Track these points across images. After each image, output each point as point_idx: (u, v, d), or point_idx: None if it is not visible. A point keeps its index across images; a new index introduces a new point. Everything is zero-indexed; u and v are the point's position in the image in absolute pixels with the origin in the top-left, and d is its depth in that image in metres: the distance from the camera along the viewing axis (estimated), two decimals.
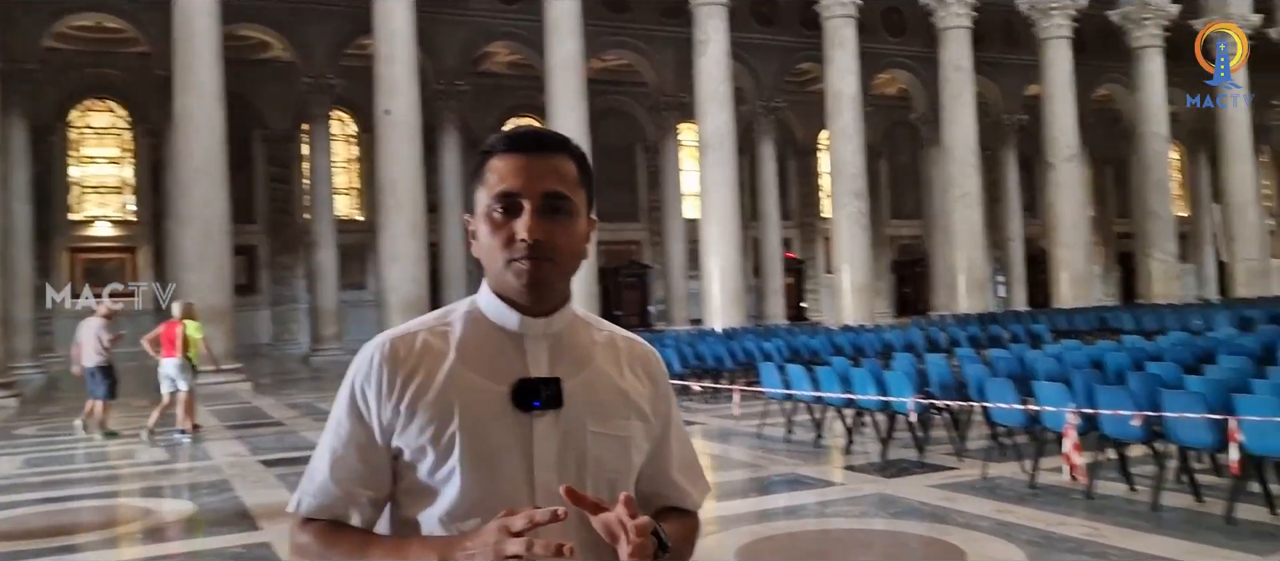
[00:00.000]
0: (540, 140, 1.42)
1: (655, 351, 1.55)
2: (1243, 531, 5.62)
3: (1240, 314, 17.13)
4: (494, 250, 1.39)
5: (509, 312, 1.40)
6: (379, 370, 1.39)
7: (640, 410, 1.46)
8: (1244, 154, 25.67)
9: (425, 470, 1.37)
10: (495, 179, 1.39)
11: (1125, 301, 32.91)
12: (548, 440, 1.37)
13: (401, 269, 18.42)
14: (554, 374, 1.39)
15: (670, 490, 1.54)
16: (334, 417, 1.43)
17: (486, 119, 29.53)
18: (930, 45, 25.90)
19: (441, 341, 1.41)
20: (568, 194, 1.40)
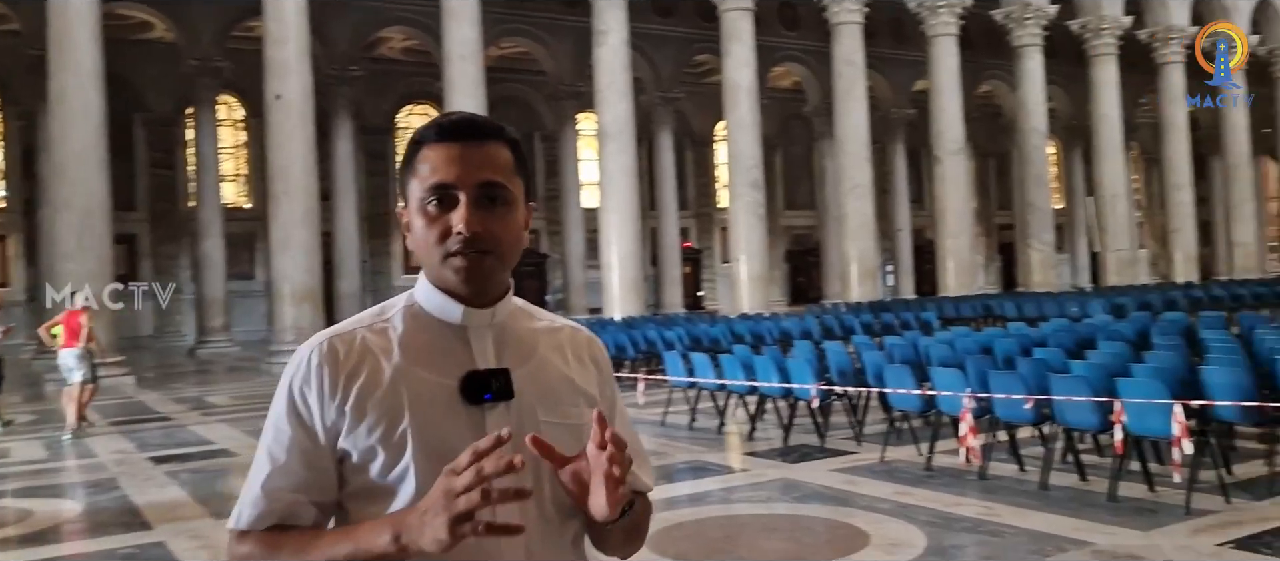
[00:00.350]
0: (474, 127, 1.37)
1: (596, 337, 1.53)
2: (1125, 508, 5.93)
3: (1113, 301, 18.01)
4: (430, 244, 1.35)
5: (451, 305, 1.37)
6: (319, 371, 1.34)
7: (589, 396, 1.44)
8: (1116, 149, 26.94)
9: (377, 471, 1.32)
10: (428, 169, 1.34)
11: (1005, 289, 34.23)
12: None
13: (293, 258, 17.93)
14: (501, 365, 1.36)
15: None
16: (271, 424, 1.37)
17: (381, 105, 29.03)
18: (823, 40, 26.43)
19: (382, 338, 1.37)
20: (505, 183, 1.35)
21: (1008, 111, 35.03)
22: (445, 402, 1.33)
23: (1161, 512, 5.77)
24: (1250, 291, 21.23)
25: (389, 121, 29.93)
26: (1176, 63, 27.62)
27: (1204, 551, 5.03)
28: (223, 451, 9.85)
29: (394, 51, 28.60)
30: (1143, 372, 6.40)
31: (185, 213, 26.66)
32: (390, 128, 30.04)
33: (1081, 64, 29.93)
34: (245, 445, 10.09)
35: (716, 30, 22.88)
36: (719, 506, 6.73)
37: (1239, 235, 29.99)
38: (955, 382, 6.96)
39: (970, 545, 5.41)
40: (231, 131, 28.44)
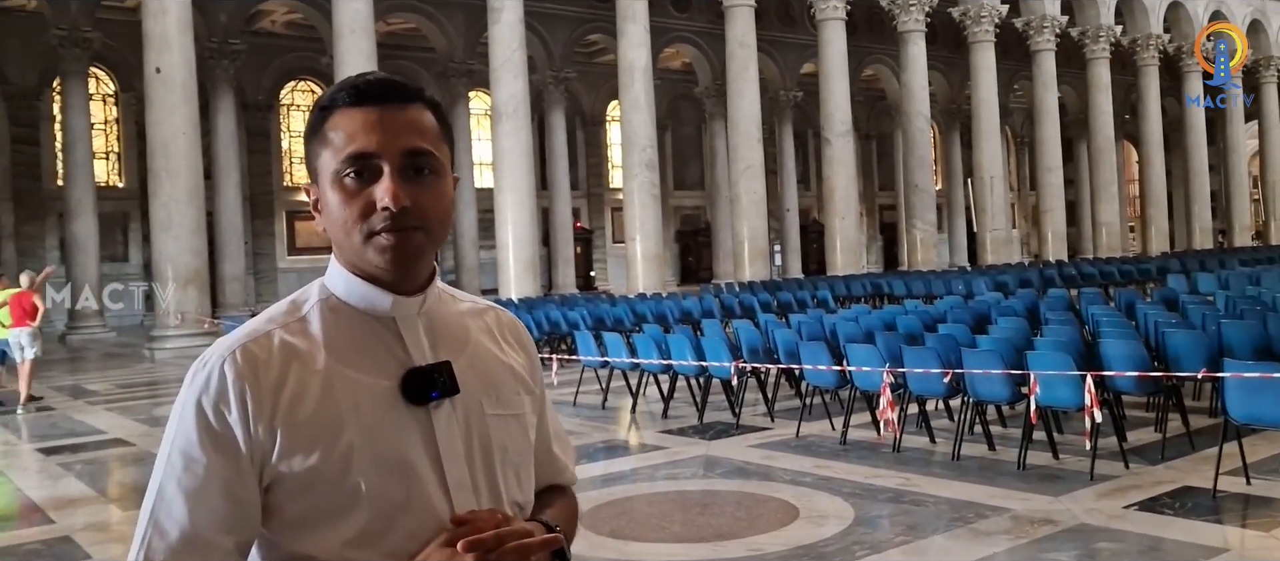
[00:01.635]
0: (394, 89, 1.21)
1: (517, 318, 1.41)
2: (1033, 475, 6.22)
3: (995, 279, 18.77)
4: (349, 223, 1.18)
5: (378, 294, 1.21)
6: (237, 384, 1.14)
7: (525, 382, 1.32)
8: (994, 133, 28.01)
9: (321, 494, 1.14)
10: (342, 138, 1.18)
11: (887, 268, 35.35)
12: (451, 432, 1.20)
13: (177, 239, 17.21)
14: (438, 357, 1.22)
15: (550, 465, 1.40)
16: (176, 453, 1.14)
17: (263, 81, 28.07)
18: (714, 22, 26.69)
19: (302, 339, 1.19)
20: (431, 150, 1.20)
21: (890, 95, 36.09)
22: (387, 406, 1.17)
23: (1068, 479, 6.08)
24: (1118, 269, 22.43)
25: (272, 98, 28.95)
26: (1048, 50, 28.83)
27: (1112, 513, 5.33)
28: (117, 440, 9.43)
29: (276, 25, 27.64)
30: (1048, 346, 6.71)
31: (52, 191, 25.26)
32: (273, 104, 29.06)
33: (958, 50, 31.02)
34: (138, 433, 9.70)
35: (609, 10, 22.84)
36: (645, 484, 6.78)
37: (1104, 215, 31.58)
38: (872, 359, 7.18)
39: (895, 515, 5.60)
40: (102, 106, 27.02)
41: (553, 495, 1.40)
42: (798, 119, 35.10)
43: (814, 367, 7.73)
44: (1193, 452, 6.58)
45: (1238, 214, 37.13)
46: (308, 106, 30.07)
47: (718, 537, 5.32)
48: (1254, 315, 8.53)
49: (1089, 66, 30.73)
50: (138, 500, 6.93)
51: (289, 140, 29.86)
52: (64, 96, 23.70)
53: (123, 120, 27.06)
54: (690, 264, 36.46)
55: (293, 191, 29.61)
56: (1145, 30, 32.07)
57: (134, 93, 24.36)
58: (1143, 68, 32.49)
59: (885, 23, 28.29)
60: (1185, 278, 16.46)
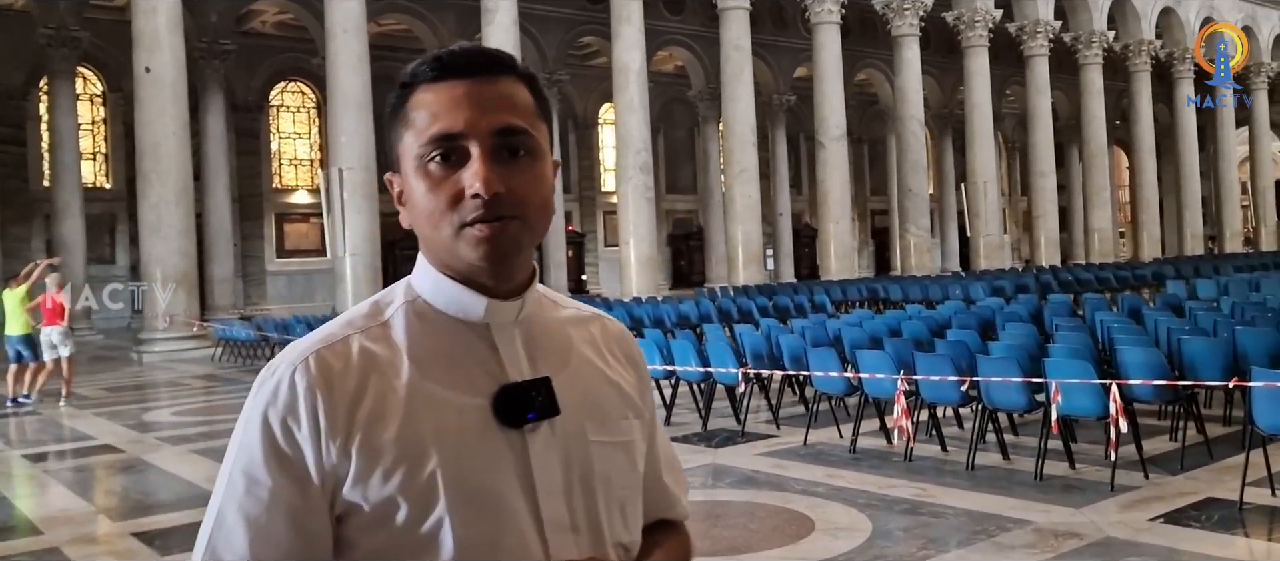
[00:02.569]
0: (482, 60, 1.07)
1: (626, 329, 1.25)
2: (1052, 486, 6.08)
3: (991, 284, 18.68)
4: (436, 214, 1.04)
5: (471, 298, 1.06)
6: (309, 397, 1.00)
7: (635, 405, 1.16)
8: (987, 137, 27.96)
9: (400, 527, 1.00)
10: (425, 117, 1.04)
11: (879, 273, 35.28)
12: (549, 461, 1.05)
13: (166, 241, 17.00)
14: (537, 371, 1.07)
15: (661, 498, 1.24)
16: (239, 473, 1.01)
17: (253, 82, 27.84)
18: (708, 25, 26.61)
19: (384, 347, 1.04)
20: (526, 127, 1.06)
21: (883, 99, 36.06)
22: (478, 429, 1.03)
23: (1088, 490, 5.93)
24: (1113, 274, 22.38)
25: (262, 99, 28.70)
26: (1042, 55, 28.82)
27: (1137, 526, 5.19)
28: (106, 447, 9.21)
29: (267, 26, 27.40)
30: (1065, 354, 6.58)
31: (38, 192, 24.96)
32: (263, 105, 28.82)
33: (951, 54, 31.00)
34: (127, 439, 9.49)
35: (603, 12, 22.72)
36: None
37: (1096, 221, 31.57)
38: (883, 365, 7.02)
39: (914, 527, 5.44)
40: (89, 107, 26.73)
41: (662, 533, 1.23)
42: (790, 123, 35.02)
43: (823, 374, 7.57)
44: (1212, 462, 6.45)
45: (1228, 220, 37.22)
46: (297, 107, 29.92)
47: (732, 550, 5.16)
48: (1265, 322, 8.43)
49: (1082, 72, 30.72)
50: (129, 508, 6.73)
51: (278, 141, 29.62)
52: (51, 96, 23.47)
53: (111, 121, 26.78)
54: (682, 268, 36.32)
55: (282, 193, 29.38)
56: (1137, 36, 32.09)
57: (122, 93, 24.12)
58: (1135, 73, 32.51)
59: (878, 27, 28.24)
60: (1183, 283, 16.40)
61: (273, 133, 29.45)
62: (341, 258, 18.05)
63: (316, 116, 29.43)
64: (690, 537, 1.29)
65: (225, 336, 17.78)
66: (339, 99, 18.38)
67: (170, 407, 11.83)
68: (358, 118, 18.26)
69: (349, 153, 18.06)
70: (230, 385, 13.96)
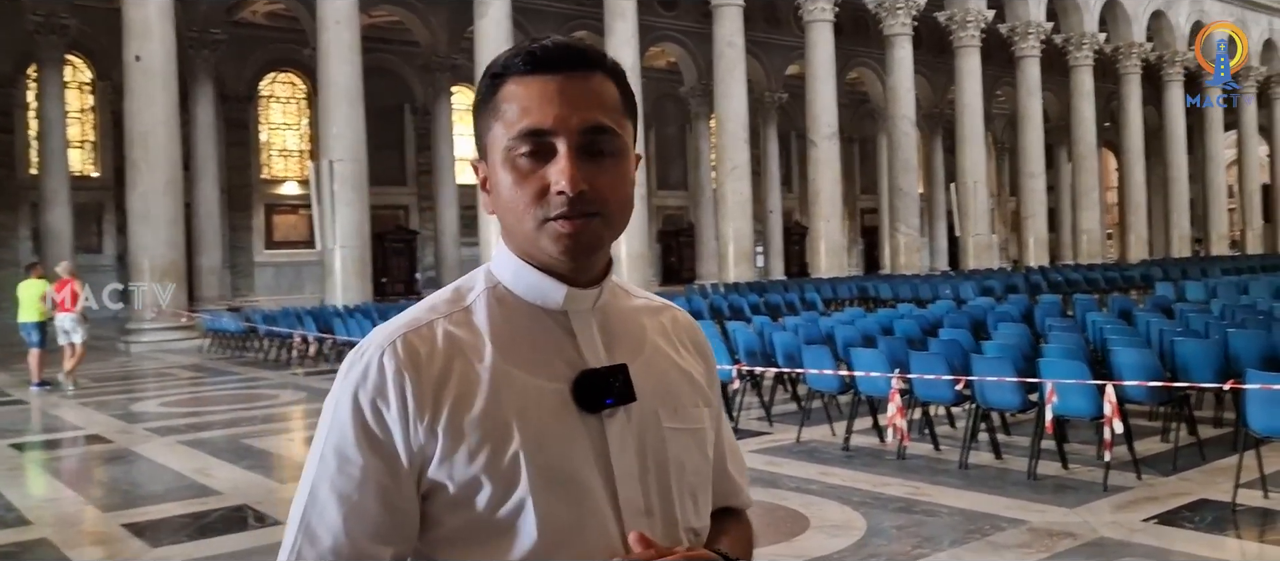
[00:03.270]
0: (574, 55, 1.09)
1: (695, 320, 1.28)
2: (1045, 486, 6.09)
3: (981, 284, 18.74)
4: (521, 206, 1.06)
5: (552, 285, 1.10)
6: (397, 378, 1.04)
7: (704, 394, 1.20)
8: (978, 138, 28.04)
9: (483, 506, 1.04)
10: (516, 111, 1.06)
11: (868, 271, 35.36)
12: (625, 446, 1.08)
13: (154, 231, 16.91)
14: (613, 358, 1.10)
15: (726, 486, 1.27)
16: (331, 451, 1.05)
17: (243, 72, 27.69)
18: (701, 21, 26.57)
19: (467, 331, 1.08)
20: (613, 126, 1.08)
21: (874, 98, 36.12)
22: (557, 412, 1.06)
23: (1081, 490, 5.94)
24: (1102, 275, 22.48)
25: (251, 89, 28.54)
26: (1033, 56, 28.89)
27: (1131, 527, 5.20)
28: (94, 436, 9.15)
29: (258, 16, 27.24)
30: (1059, 354, 6.59)
31: (25, 181, 24.79)
32: (253, 96, 28.65)
33: (942, 54, 31.06)
34: (115, 429, 9.43)
35: (596, 7, 22.65)
36: None
37: (1085, 222, 31.69)
38: (877, 363, 7.03)
39: (909, 525, 5.44)
40: (78, 95, 26.54)
41: (727, 520, 1.26)
42: (782, 120, 35.05)
43: (818, 372, 7.57)
44: (1204, 464, 6.47)
45: (1215, 222, 37.43)
46: (288, 98, 29.78)
47: None
48: (1256, 324, 8.47)
49: (1072, 73, 30.81)
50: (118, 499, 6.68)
51: (268, 132, 29.47)
52: (40, 84, 23.32)
53: (99, 109, 26.59)
54: (672, 264, 36.29)
55: (271, 184, 29.24)
56: (1128, 38, 32.21)
57: (111, 82, 23.97)
58: (1125, 76, 32.65)
59: (870, 26, 28.28)
60: (1172, 285, 16.48)
61: (262, 123, 29.29)
62: (331, 249, 17.99)
63: (307, 108, 29.29)
64: (752, 525, 1.32)
65: (213, 327, 17.69)
66: (330, 90, 18.30)
67: (158, 398, 11.76)
68: (349, 110, 18.19)
69: (339, 145, 17.99)
70: (218, 376, 13.89)
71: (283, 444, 8.99)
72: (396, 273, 30.60)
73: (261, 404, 11.14)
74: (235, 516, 6.00)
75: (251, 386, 12.75)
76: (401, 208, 31.18)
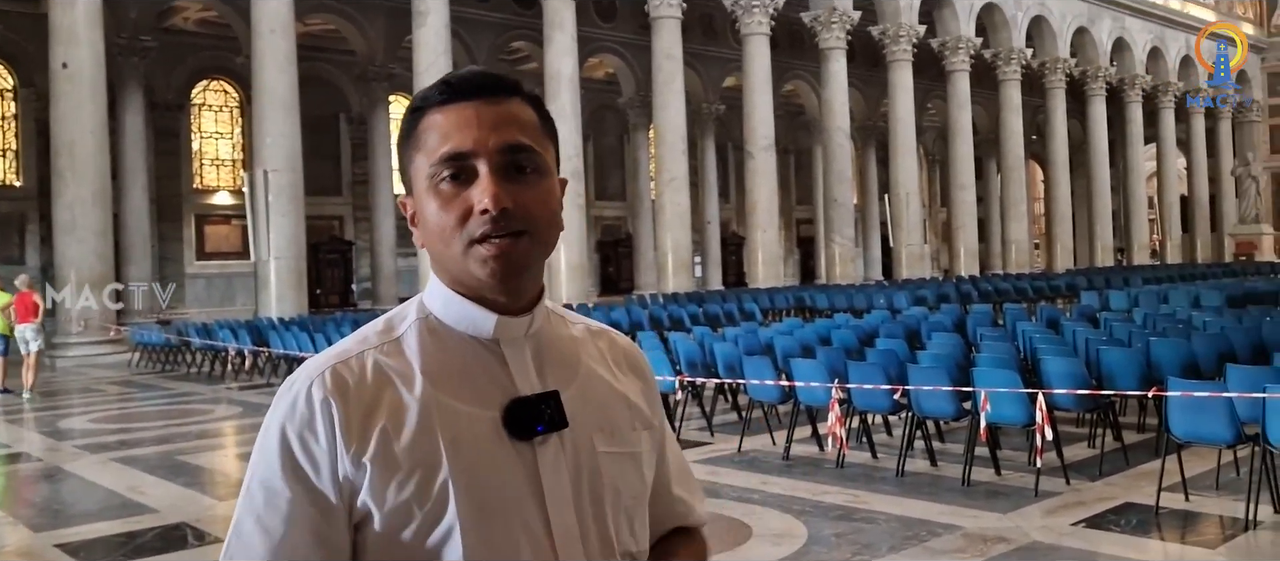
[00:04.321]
0: (488, 83, 1.11)
1: (634, 343, 1.29)
2: (979, 492, 6.26)
3: (914, 293, 19.11)
4: (447, 231, 1.07)
5: (480, 314, 1.09)
6: (325, 409, 1.03)
7: (643, 416, 1.19)
8: (910, 150, 28.60)
9: (411, 538, 1.03)
10: (436, 139, 1.08)
11: (804, 282, 35.78)
12: (557, 472, 1.08)
13: (81, 242, 16.51)
14: (546, 385, 1.10)
15: (677, 507, 1.28)
16: (258, 485, 1.04)
17: (173, 80, 27.11)
18: (640, 32, 26.72)
19: (397, 361, 1.08)
20: (533, 145, 1.09)
21: (810, 110, 36.59)
22: (488, 440, 1.06)
23: (1013, 495, 6.13)
24: (1030, 285, 23.06)
25: (182, 97, 27.95)
26: (963, 71, 29.57)
27: (1061, 531, 5.38)
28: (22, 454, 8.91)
29: (189, 22, 26.72)
30: (991, 363, 6.78)
31: None
32: (184, 104, 28.06)
33: (875, 68, 31.64)
34: (43, 447, 9.20)
35: (534, 17, 22.68)
36: None
37: (1014, 233, 32.45)
38: (817, 374, 7.16)
39: (848, 533, 5.56)
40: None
41: (678, 540, 1.27)
42: (719, 132, 35.34)
43: (759, 382, 7.68)
44: (1129, 468, 6.71)
45: (1136, 233, 38.63)
46: (220, 106, 29.25)
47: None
48: (1177, 333, 8.79)
49: (1001, 87, 31.57)
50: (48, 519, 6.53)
51: (200, 141, 28.91)
52: None
53: (21, 117, 25.80)
54: (610, 274, 36.35)
55: (203, 194, 28.67)
56: (1053, 54, 33.13)
57: (34, 88, 23.34)
58: (1050, 90, 33.56)
59: (806, 39, 28.68)
60: (1097, 294, 16.98)
61: (194, 132, 28.72)
62: (265, 261, 17.72)
63: (240, 116, 28.78)
64: (706, 543, 1.33)
65: (142, 341, 17.30)
66: (264, 99, 18.05)
67: (87, 414, 11.48)
68: (284, 119, 17.96)
69: (274, 154, 17.75)
70: (148, 392, 13.60)
71: (218, 460, 8.85)
72: (331, 284, 30.19)
73: (195, 419, 10.95)
74: (173, 534, 5.91)
75: (184, 401, 12.51)
76: (337, 218, 30.79)
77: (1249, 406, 5.50)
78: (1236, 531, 5.33)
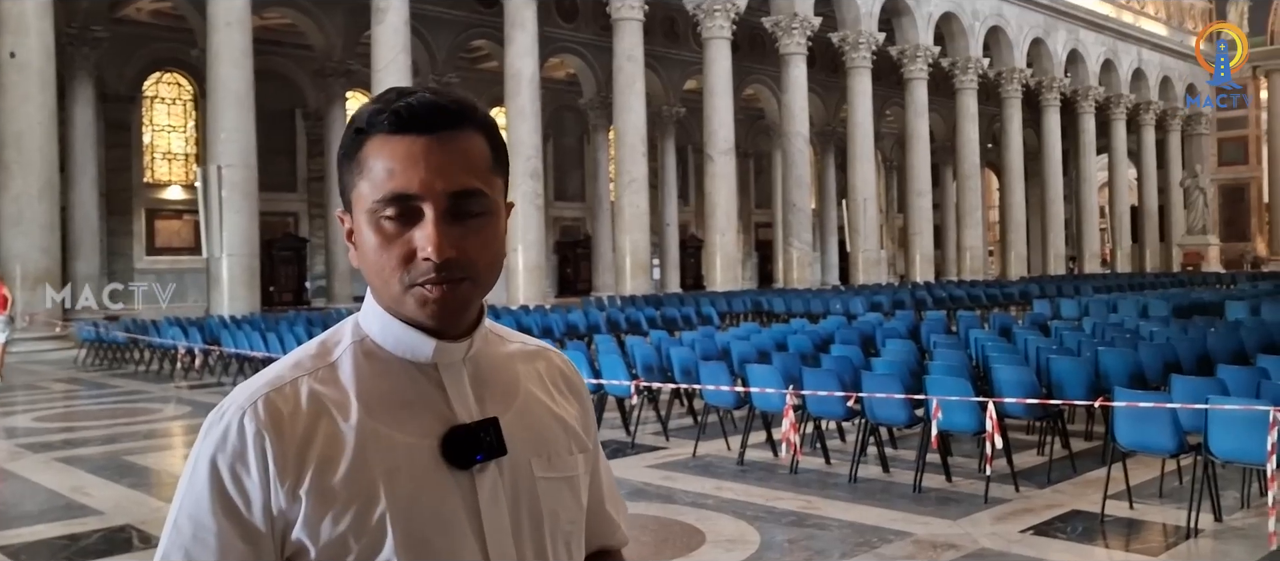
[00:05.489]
0: (441, 114, 1.04)
1: (570, 360, 1.26)
2: (929, 498, 6.33)
3: (870, 299, 19.28)
4: (386, 270, 1.04)
5: (418, 340, 1.06)
6: (258, 441, 1.00)
7: (579, 439, 1.17)
8: (868, 156, 28.85)
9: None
10: (381, 172, 1.03)
11: (762, 285, 35.97)
12: (496, 500, 1.06)
13: (27, 236, 16.19)
14: (485, 410, 1.08)
15: (604, 527, 1.27)
16: (185, 518, 1.01)
17: (125, 72, 26.67)
18: (601, 33, 26.73)
19: (332, 388, 1.05)
20: (483, 188, 1.05)
21: (769, 115, 36.82)
22: (426, 470, 1.03)
23: (963, 502, 6.20)
24: (984, 292, 23.36)
25: (134, 89, 27.50)
26: (921, 79, 29.90)
27: (1010, 538, 5.45)
28: None
29: (142, 14, 26.29)
30: (943, 371, 6.86)
31: None
32: (135, 96, 27.61)
33: (835, 74, 31.90)
34: None
35: (495, 16, 22.62)
36: None
37: (969, 240, 32.88)
38: (772, 380, 7.19)
39: (800, 539, 5.59)
40: None
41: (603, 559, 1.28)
42: (679, 134, 35.43)
43: (714, 388, 7.70)
44: (1076, 476, 6.81)
45: (1088, 241, 39.30)
46: (173, 99, 28.81)
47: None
48: (1124, 342, 8.95)
49: (958, 96, 31.98)
50: None
51: (152, 135, 28.44)
52: None
53: None
54: (568, 276, 36.31)
55: (154, 188, 28.22)
56: (1010, 64, 33.60)
57: None
58: (1006, 99, 34.03)
59: (766, 44, 28.84)
60: (1048, 302, 17.23)
61: (146, 125, 28.25)
62: (218, 258, 17.47)
63: (194, 110, 28.38)
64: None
65: (90, 338, 16.97)
66: (220, 93, 17.81)
67: (30, 412, 11.25)
68: (239, 114, 17.73)
69: (229, 149, 17.51)
70: (95, 389, 13.35)
71: (166, 460, 8.70)
72: (285, 281, 29.87)
73: (143, 418, 10.76)
74: (118, 537, 5.80)
75: (132, 400, 12.29)
76: (292, 214, 30.46)
77: (1192, 417, 5.61)
78: (1178, 539, 5.44)
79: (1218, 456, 5.45)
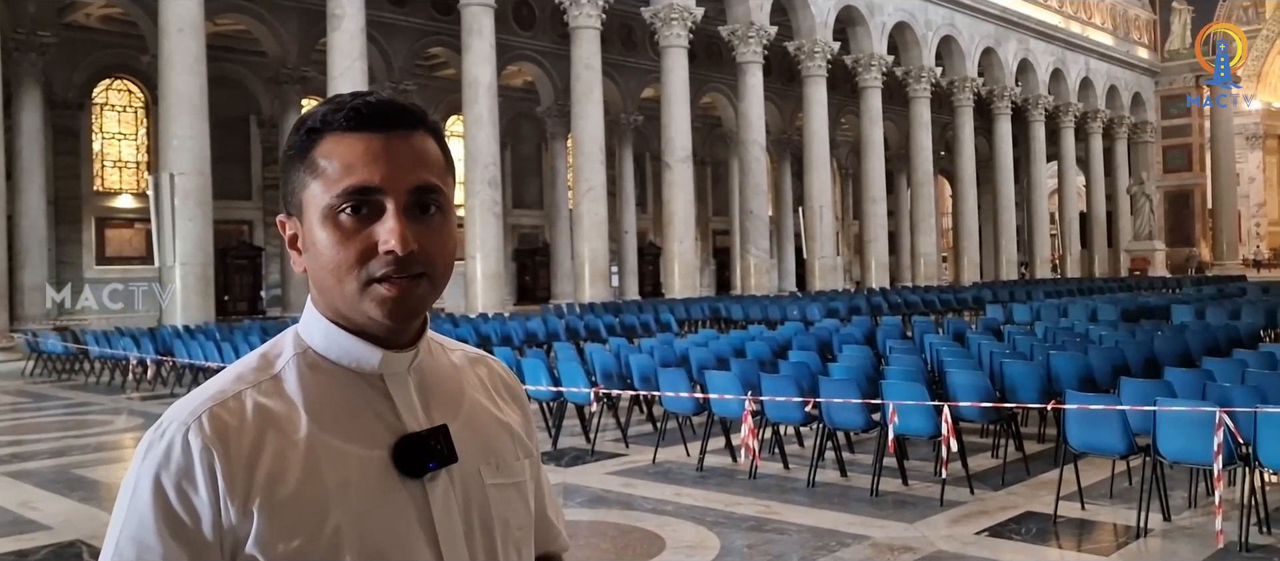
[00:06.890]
0: (398, 114, 1.06)
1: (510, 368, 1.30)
2: (886, 502, 6.41)
3: (827, 305, 19.44)
4: (342, 268, 1.02)
5: (366, 349, 1.06)
6: (205, 457, 0.97)
7: (524, 444, 1.18)
8: (824, 163, 29.07)
9: None
10: (338, 168, 1.02)
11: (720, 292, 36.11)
12: (448, 509, 1.05)
13: None
14: (432, 420, 1.07)
15: (547, 533, 1.27)
16: (127, 540, 0.98)
17: (74, 78, 26.18)
18: (559, 41, 26.70)
19: (278, 401, 1.03)
20: (439, 184, 1.06)
21: (726, 123, 37.02)
22: (378, 481, 1.02)
23: (919, 505, 6.28)
24: (938, 297, 23.65)
25: (83, 96, 26.98)
26: (876, 87, 30.22)
27: (965, 540, 5.53)
28: None
29: (92, 19, 25.82)
30: (900, 376, 6.94)
31: None
32: (85, 103, 27.09)
33: (791, 82, 32.16)
34: None
35: (452, 23, 22.50)
36: None
37: (923, 246, 33.27)
38: (730, 386, 7.24)
39: (759, 544, 5.64)
40: None
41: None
42: (637, 142, 35.50)
43: (673, 394, 7.73)
44: (1030, 478, 6.93)
45: (1039, 247, 39.93)
46: (123, 106, 28.33)
47: None
48: (1075, 346, 9.11)
49: (912, 104, 32.36)
50: None
51: (101, 142, 27.95)
52: None
53: None
54: (527, 283, 36.19)
55: (104, 196, 27.71)
56: (962, 73, 34.07)
57: None
58: (959, 108, 34.49)
59: (723, 53, 28.98)
60: (1001, 307, 17.49)
61: (96, 132, 27.76)
62: (170, 267, 17.20)
63: (145, 117, 27.92)
64: None
65: (37, 348, 16.64)
66: (172, 100, 17.54)
67: None
68: (192, 121, 17.47)
69: (181, 157, 17.25)
70: (43, 401, 13.09)
71: (117, 473, 8.55)
72: (240, 291, 29.44)
73: (93, 431, 10.58)
74: (67, 552, 5.70)
75: (81, 412, 12.07)
76: (246, 222, 30.03)
77: (1141, 418, 5.73)
78: (1129, 538, 5.55)
79: (1166, 457, 5.58)
